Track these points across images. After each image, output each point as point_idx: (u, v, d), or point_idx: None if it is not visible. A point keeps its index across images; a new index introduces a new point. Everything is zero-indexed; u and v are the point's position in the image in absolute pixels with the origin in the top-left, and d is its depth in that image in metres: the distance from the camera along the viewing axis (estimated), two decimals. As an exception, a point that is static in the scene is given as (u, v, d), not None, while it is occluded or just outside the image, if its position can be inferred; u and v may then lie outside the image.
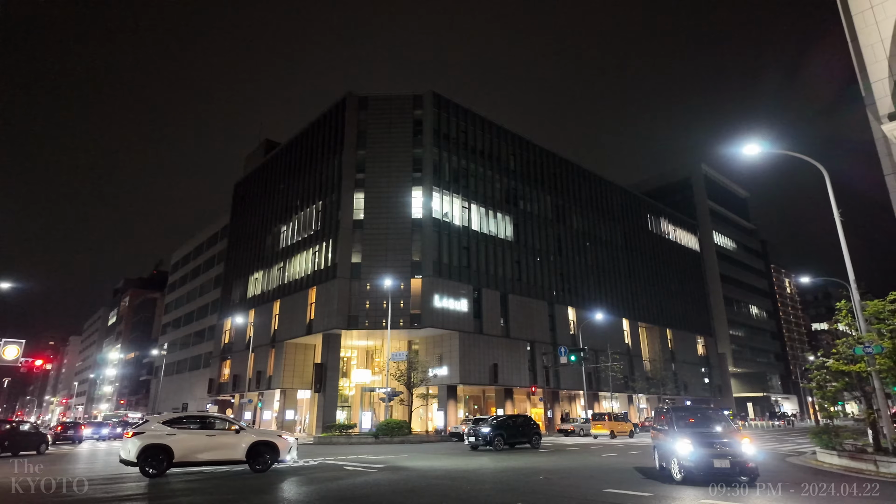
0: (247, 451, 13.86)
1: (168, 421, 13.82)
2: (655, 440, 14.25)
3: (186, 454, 13.29)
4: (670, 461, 12.16)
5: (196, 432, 13.75)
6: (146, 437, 13.13)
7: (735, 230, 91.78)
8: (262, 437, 14.30)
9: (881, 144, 22.94)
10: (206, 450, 13.54)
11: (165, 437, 13.21)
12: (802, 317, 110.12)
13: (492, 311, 43.46)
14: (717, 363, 72.17)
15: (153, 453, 12.97)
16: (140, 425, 13.64)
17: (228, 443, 13.84)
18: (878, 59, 22.68)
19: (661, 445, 13.34)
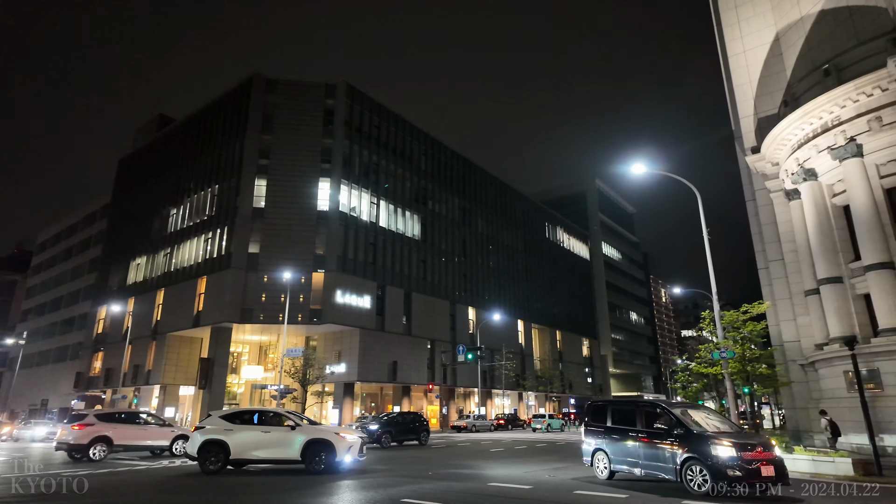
0: (302, 450, 12.78)
1: (226, 415, 13.68)
2: (598, 440, 12.29)
3: (241, 451, 12.94)
4: (666, 467, 10.44)
5: (251, 428, 13.25)
6: (206, 433, 13.05)
7: (622, 242, 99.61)
8: (317, 435, 13.08)
9: (744, 173, 26.12)
10: (260, 447, 13.00)
11: (223, 432, 13.01)
12: (674, 324, 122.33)
13: (395, 309, 43.49)
14: (599, 364, 77.84)
15: (213, 449, 12.85)
16: (204, 420, 13.81)
17: (282, 440, 12.98)
18: (747, 99, 25.82)
19: (622, 447, 11.61)
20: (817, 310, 21.08)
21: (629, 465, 11.43)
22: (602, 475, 11.91)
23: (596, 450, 12.24)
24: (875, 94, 18.77)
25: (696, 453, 9.90)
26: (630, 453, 11.41)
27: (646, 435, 11.11)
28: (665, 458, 10.54)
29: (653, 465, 10.82)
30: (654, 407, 11.71)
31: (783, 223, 23.47)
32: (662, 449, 10.63)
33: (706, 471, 9.71)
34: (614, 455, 11.78)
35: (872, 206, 18.99)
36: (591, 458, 12.30)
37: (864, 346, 18.24)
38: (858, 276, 19.44)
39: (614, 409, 12.66)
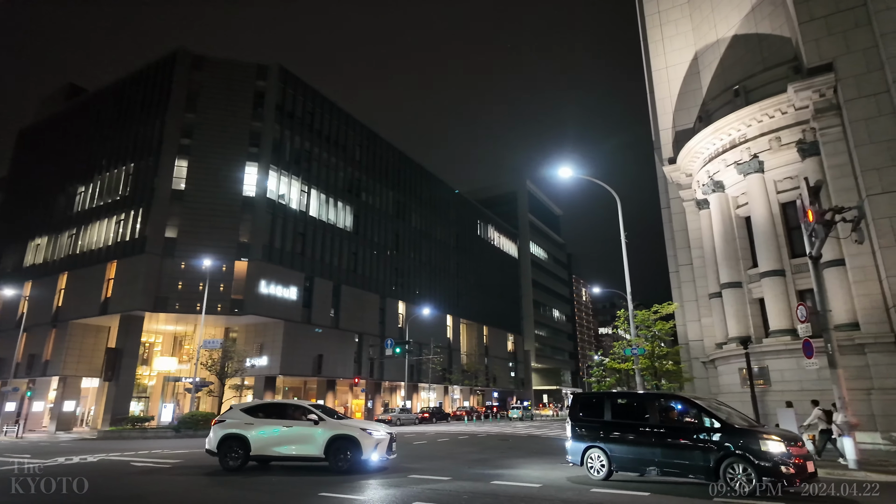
0: (325, 446, 11.79)
1: (248, 408, 12.79)
2: (592, 436, 10.96)
3: (262, 447, 12.10)
4: (695, 466, 9.46)
5: (272, 422, 12.34)
6: (226, 426, 12.27)
7: (548, 243, 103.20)
8: (342, 431, 11.94)
9: (661, 182, 27.81)
10: (281, 443, 12.08)
11: (244, 426, 12.23)
12: (593, 322, 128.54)
13: (323, 301, 42.59)
14: (522, 359, 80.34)
15: (233, 444, 12.10)
16: (224, 413, 12.92)
17: (305, 435, 12.02)
18: (666, 112, 27.49)
19: (628, 445, 10.43)
20: (719, 312, 22.96)
21: (638, 465, 10.24)
22: (597, 475, 10.59)
23: (589, 447, 10.88)
24: (776, 116, 20.63)
25: (742, 450, 8.98)
26: (640, 452, 10.15)
27: (665, 430, 9.94)
28: (693, 457, 9.47)
29: (675, 465, 9.70)
30: (675, 399, 10.85)
31: (693, 230, 25.30)
32: (689, 446, 9.55)
33: (752, 469, 8.83)
34: (616, 453, 10.48)
35: (770, 218, 20.90)
36: (582, 457, 10.94)
37: (757, 345, 20.10)
38: (755, 282, 21.36)
39: (615, 401, 11.48)
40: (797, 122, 20.03)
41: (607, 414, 11.12)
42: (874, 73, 17.78)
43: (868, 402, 16.59)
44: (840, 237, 16.73)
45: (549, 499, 8.87)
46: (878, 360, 16.85)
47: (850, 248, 17.63)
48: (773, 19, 22.50)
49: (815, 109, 19.09)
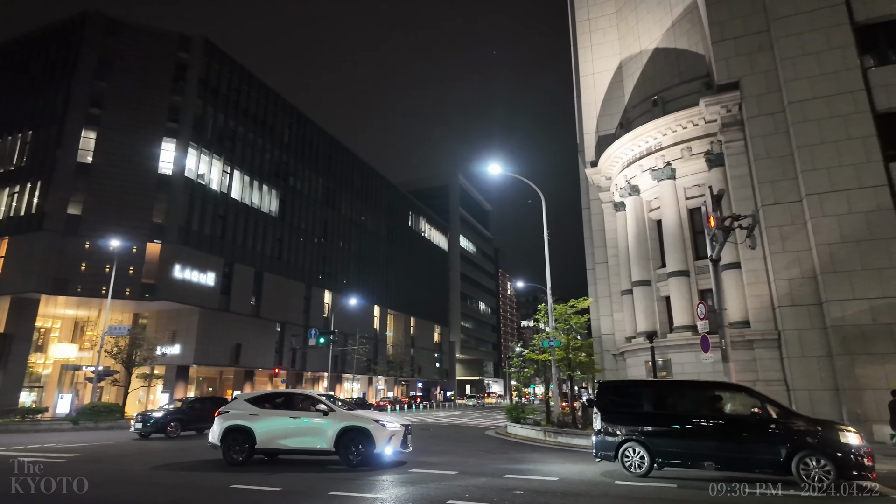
0: (335, 439, 10.98)
1: (253, 398, 12.05)
2: (629, 429, 10.06)
3: (268, 440, 11.32)
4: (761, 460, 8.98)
5: (279, 413, 11.58)
6: (229, 418, 11.53)
7: (477, 237, 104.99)
8: (352, 422, 11.11)
9: (584, 183, 29.04)
10: (287, 435, 11.32)
11: (248, 417, 11.46)
12: (516, 315, 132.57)
13: (243, 289, 40.93)
14: (448, 350, 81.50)
15: (237, 436, 11.34)
16: (228, 403, 12.27)
17: (313, 427, 11.22)
18: (591, 116, 28.69)
19: (677, 439, 9.63)
20: (630, 308, 24.45)
21: (691, 459, 9.46)
22: (637, 471, 9.74)
23: (625, 441, 9.98)
24: (689, 128, 22.15)
25: (818, 443, 8.63)
26: (694, 445, 9.43)
27: (724, 422, 9.41)
28: (760, 450, 9.00)
29: (737, 459, 9.17)
30: (732, 389, 10.31)
31: (610, 231, 26.71)
32: (754, 439, 9.08)
33: (830, 464, 8.46)
34: (662, 447, 9.67)
35: (678, 222, 22.46)
36: (617, 452, 10.00)
37: (662, 340, 21.61)
38: (663, 281, 22.92)
39: (656, 391, 10.77)
40: (706, 135, 21.63)
41: (647, 405, 10.38)
42: (773, 93, 19.52)
43: (753, 392, 18.33)
44: (737, 242, 18.30)
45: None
46: (763, 355, 18.67)
47: (745, 252, 19.32)
48: (691, 36, 24.09)
49: (723, 123, 20.70)
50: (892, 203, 16.80)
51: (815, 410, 16.94)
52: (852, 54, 18.24)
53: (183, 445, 16.53)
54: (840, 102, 18.01)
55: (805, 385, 17.30)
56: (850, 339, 16.48)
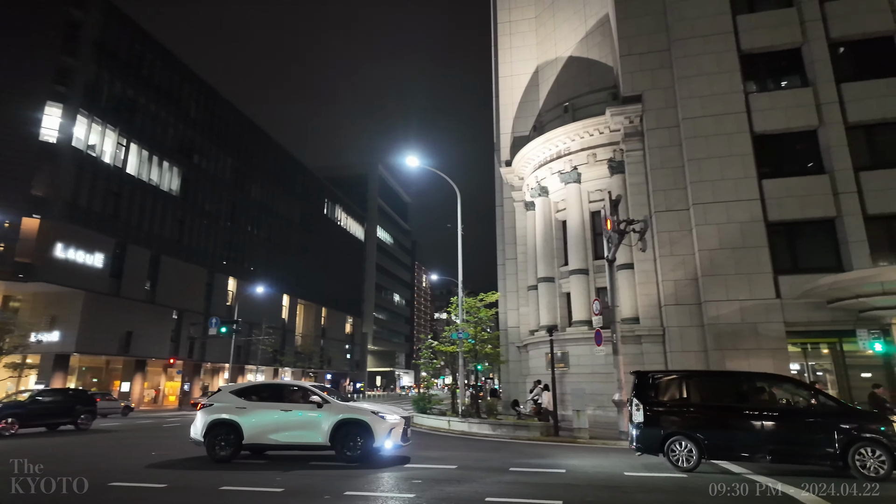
0: (331, 433, 10.42)
1: (239, 390, 11.37)
2: (674, 422, 9.86)
3: (257, 434, 10.69)
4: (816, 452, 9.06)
5: (268, 406, 10.94)
6: (213, 412, 10.90)
7: (395, 228, 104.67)
8: (350, 415, 10.58)
9: (498, 182, 29.84)
10: (279, 429, 10.69)
11: (235, 411, 10.85)
12: (430, 307, 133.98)
13: (137, 272, 37.86)
14: (360, 341, 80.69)
15: (223, 431, 10.71)
16: (211, 396, 11.63)
17: (307, 420, 10.64)
18: (508, 117, 29.49)
19: (729, 431, 9.57)
20: (535, 302, 25.58)
21: (741, 453, 9.45)
22: (685, 465, 9.49)
23: (671, 435, 9.70)
24: (595, 135, 23.45)
25: (873, 434, 8.75)
26: (747, 438, 9.38)
27: (779, 414, 9.42)
28: (815, 442, 9.05)
29: (792, 451, 9.22)
30: (783, 381, 10.42)
31: (520, 229, 27.73)
32: (809, 430, 9.16)
33: (884, 453, 8.62)
34: (712, 440, 9.51)
35: (581, 224, 23.76)
36: (663, 446, 9.74)
37: (562, 333, 22.80)
38: (565, 278, 24.18)
39: (703, 382, 10.51)
40: (610, 143, 23.03)
41: (695, 396, 10.11)
42: (670, 109, 21.17)
43: (639, 383, 19.90)
44: (632, 245, 19.71)
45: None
46: (649, 349, 20.30)
47: (638, 254, 20.86)
48: (602, 48, 25.48)
49: (625, 133, 22.14)
50: (763, 215, 18.88)
51: (690, 400, 18.71)
52: (738, 79, 20.21)
53: (15, 446, 13.70)
54: (725, 122, 19.91)
55: (683, 377, 19.02)
56: (722, 336, 18.35)
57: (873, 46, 19.60)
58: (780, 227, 18.88)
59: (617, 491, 7.81)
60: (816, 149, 19.25)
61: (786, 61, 20.54)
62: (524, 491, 7.82)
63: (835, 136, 18.84)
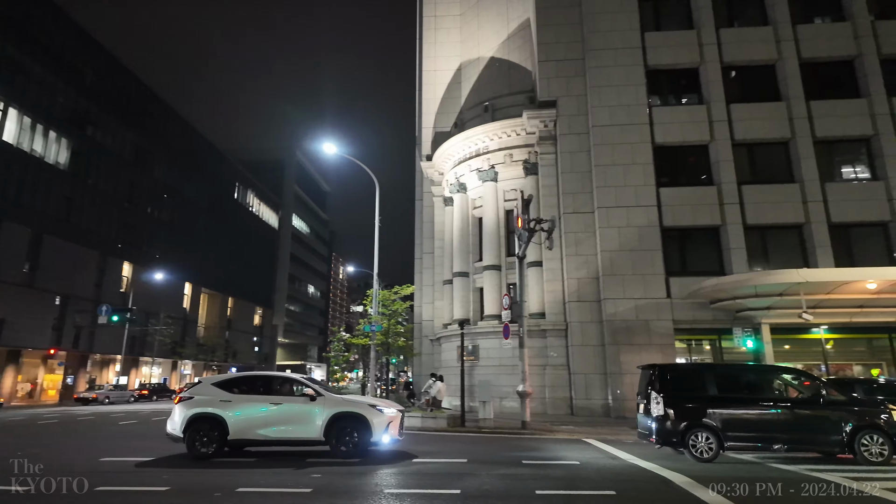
0: (325, 427, 9.91)
1: (221, 382, 10.59)
2: (696, 413, 10.03)
3: (244, 429, 10.03)
4: (825, 439, 9.70)
5: (257, 399, 10.31)
6: (194, 405, 10.07)
7: (312, 218, 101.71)
8: (346, 408, 10.13)
9: (419, 175, 29.90)
10: (268, 423, 10.08)
11: (218, 404, 10.10)
12: (346, 300, 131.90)
13: (13, 252, 33.85)
14: (269, 333, 77.73)
15: (204, 426, 9.90)
16: (189, 388, 10.77)
17: (299, 414, 10.09)
18: (430, 112, 29.59)
19: (746, 420, 9.91)
20: (449, 297, 25.96)
21: (762, 442, 9.80)
22: (705, 456, 9.70)
23: (692, 427, 9.87)
24: (512, 136, 24.14)
25: (875, 421, 9.51)
26: (763, 428, 9.76)
27: (792, 405, 9.94)
28: (825, 430, 9.65)
29: (805, 440, 9.80)
30: (791, 373, 11.06)
31: (438, 224, 28.00)
32: (819, 420, 9.72)
33: (884, 439, 9.34)
34: (731, 432, 9.79)
35: (496, 221, 24.41)
36: (684, 438, 9.88)
37: (473, 327, 23.34)
38: (479, 273, 24.74)
39: (720, 375, 10.76)
40: (526, 145, 23.83)
41: (712, 389, 10.28)
42: (581, 116, 22.26)
43: (543, 375, 20.85)
44: (541, 244, 20.55)
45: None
46: (553, 343, 21.30)
47: (547, 253, 21.79)
48: (522, 52, 26.26)
49: (540, 136, 22.99)
50: (659, 221, 20.40)
51: (589, 391, 19.90)
52: (643, 92, 21.66)
53: None
54: (630, 132, 21.27)
55: (583, 369, 20.18)
56: (618, 332, 19.65)
57: (758, 73, 21.81)
58: (674, 232, 20.53)
59: (516, 480, 8.12)
60: (707, 162, 21.11)
61: (685, 79, 22.31)
62: (422, 482, 7.90)
63: (723, 151, 20.76)
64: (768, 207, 20.16)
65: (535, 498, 6.77)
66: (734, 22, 22.59)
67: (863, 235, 20.04)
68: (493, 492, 7.10)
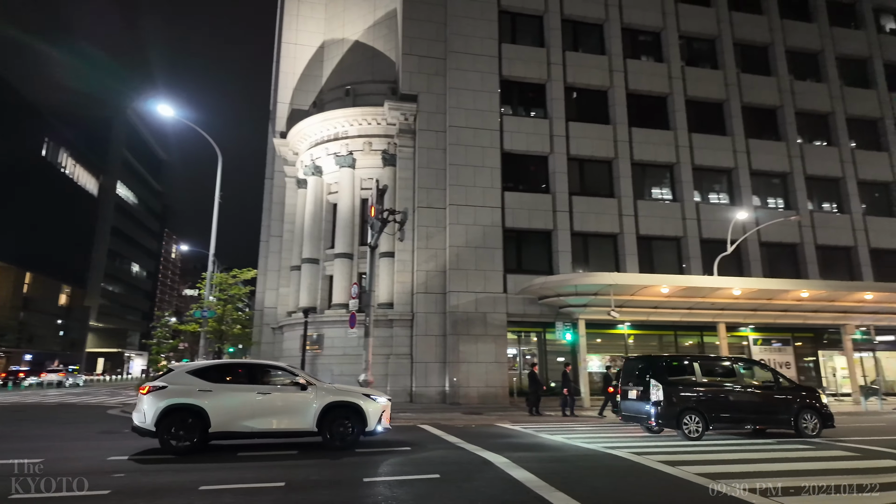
0: (318, 418, 9.24)
1: (198, 370, 9.52)
2: (687, 400, 11.42)
3: (229, 421, 9.09)
4: (782, 419, 11.61)
5: (243, 388, 9.39)
6: (168, 395, 9.05)
7: (143, 187, 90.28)
8: (340, 397, 9.57)
9: (271, 153, 28.32)
10: (256, 415, 9.24)
11: (197, 394, 9.07)
12: (179, 282, 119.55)
13: None
14: (80, 316, 67.55)
15: (182, 418, 8.96)
16: (161, 376, 9.63)
17: (291, 405, 9.42)
18: (288, 87, 28.15)
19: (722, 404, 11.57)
20: (296, 283, 25.04)
21: (737, 423, 11.70)
22: (693, 436, 11.08)
23: (685, 410, 11.23)
24: (373, 124, 24.04)
25: (811, 402, 11.69)
26: (737, 410, 11.54)
27: (759, 391, 11.84)
28: (780, 411, 11.63)
29: (767, 419, 11.73)
30: (755, 364, 13.18)
31: (289, 206, 26.81)
32: (776, 402, 11.67)
33: (817, 418, 11.49)
34: (714, 414, 11.33)
35: (352, 208, 24.12)
36: (678, 420, 11.20)
37: (320, 315, 22.85)
38: (329, 261, 24.26)
39: (703, 365, 12.37)
40: (386, 135, 23.90)
41: (699, 376, 11.79)
42: (440, 114, 22.96)
43: (386, 364, 21.19)
44: (394, 234, 20.80)
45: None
46: (399, 333, 21.76)
47: (399, 245, 22.13)
48: (388, 41, 26.22)
49: (400, 129, 23.22)
50: (502, 222, 21.94)
51: (428, 379, 20.73)
52: (496, 100, 23.04)
53: None
54: (482, 136, 22.50)
55: (424, 358, 20.94)
56: (458, 323, 20.74)
57: (594, 97, 24.56)
58: (513, 233, 22.25)
59: (345, 468, 8.17)
60: (546, 172, 23.21)
61: (534, 93, 24.24)
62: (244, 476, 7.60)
63: (559, 164, 23.00)
64: (592, 217, 22.85)
65: (362, 485, 6.89)
66: (579, 47, 25.09)
67: (662, 247, 23.74)
68: (322, 481, 7.07)
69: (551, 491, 6.38)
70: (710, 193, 25.11)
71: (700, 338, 23.11)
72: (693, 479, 7.04)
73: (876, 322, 23.07)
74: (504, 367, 20.86)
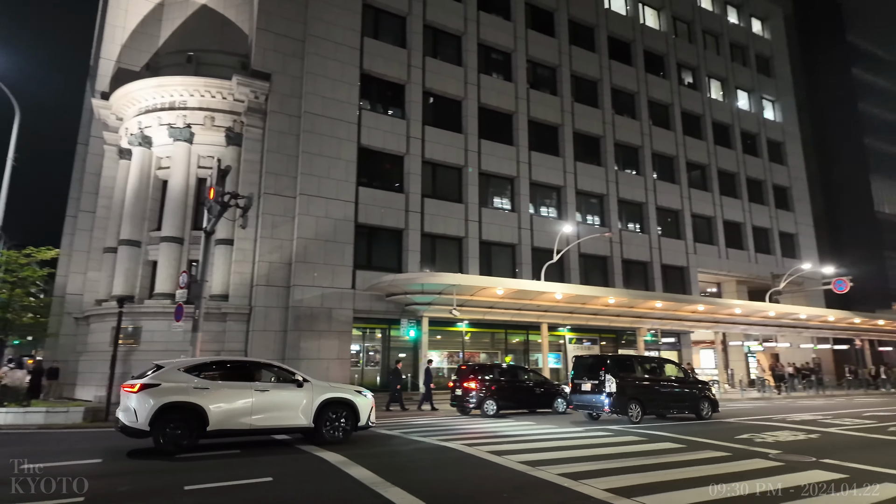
0: (315, 414, 9.76)
1: (191, 367, 9.51)
2: (631, 391, 14.13)
3: (227, 418, 9.17)
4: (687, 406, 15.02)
5: (240, 385, 9.52)
6: (162, 393, 8.80)
7: None
8: (334, 394, 10.19)
9: (87, 114, 24.48)
10: (255, 411, 9.38)
11: (193, 391, 9.01)
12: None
13: None
14: None
15: (178, 417, 8.85)
16: (153, 374, 9.17)
17: (289, 401, 9.74)
18: (115, 42, 24.57)
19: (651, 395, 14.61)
20: (110, 268, 21.87)
21: (662, 410, 14.67)
22: (636, 419, 13.64)
23: (631, 399, 13.81)
24: (217, 98, 22.03)
25: (707, 394, 15.29)
26: (663, 400, 14.66)
27: (678, 384, 15.24)
28: (690, 400, 14.94)
29: (682, 407, 14.86)
30: (673, 364, 16.64)
31: (107, 178, 23.36)
32: (688, 394, 15.08)
33: (711, 406, 15.10)
34: (649, 402, 14.15)
35: (185, 188, 21.81)
36: (626, 408, 13.65)
37: (138, 305, 20.27)
38: (154, 244, 21.61)
39: (642, 363, 15.67)
40: (232, 112, 22.06)
41: (640, 372, 14.83)
42: (295, 98, 21.91)
43: (217, 360, 19.58)
44: (234, 220, 19.30)
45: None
46: (233, 327, 20.25)
47: (240, 232, 20.56)
48: (241, 11, 24.27)
49: (249, 107, 21.64)
50: (354, 217, 21.72)
51: (264, 376, 19.62)
52: (356, 93, 22.74)
53: None
54: (339, 127, 22.03)
55: (261, 355, 19.78)
56: (301, 318, 20.05)
57: (449, 105, 25.56)
58: (365, 229, 22.18)
59: (166, 474, 7.43)
60: (402, 172, 23.57)
61: (393, 92, 24.43)
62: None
63: (414, 165, 23.52)
64: (441, 220, 23.79)
65: (181, 494, 6.33)
66: (438, 55, 25.89)
67: (499, 252, 25.62)
68: (139, 491, 6.36)
69: (387, 487, 6.55)
70: (542, 207, 27.78)
71: (526, 336, 25.47)
72: (515, 466, 7.78)
73: (661, 326, 27.73)
74: (346, 363, 20.70)
